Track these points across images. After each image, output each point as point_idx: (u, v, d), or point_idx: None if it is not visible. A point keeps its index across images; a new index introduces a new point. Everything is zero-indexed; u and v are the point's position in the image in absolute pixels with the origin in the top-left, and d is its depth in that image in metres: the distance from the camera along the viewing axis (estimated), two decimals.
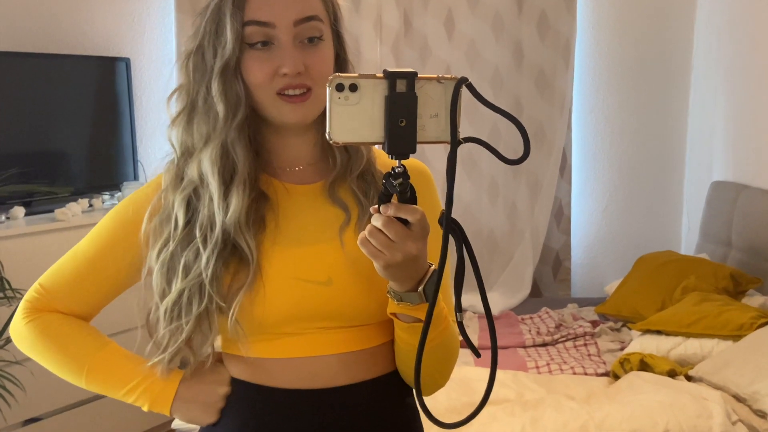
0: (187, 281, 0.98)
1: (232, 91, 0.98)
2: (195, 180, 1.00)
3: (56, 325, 1.07)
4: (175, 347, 1.00)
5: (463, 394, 2.30)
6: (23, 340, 1.08)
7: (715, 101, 3.72)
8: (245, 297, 0.97)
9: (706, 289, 2.96)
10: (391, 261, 0.86)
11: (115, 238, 1.06)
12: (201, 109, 1.00)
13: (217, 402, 1.05)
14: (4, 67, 2.95)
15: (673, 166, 4.10)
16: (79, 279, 1.07)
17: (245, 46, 0.97)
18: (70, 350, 1.06)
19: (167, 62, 3.65)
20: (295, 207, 1.04)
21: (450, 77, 0.83)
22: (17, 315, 1.09)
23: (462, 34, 3.90)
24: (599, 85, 4.07)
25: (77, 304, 1.08)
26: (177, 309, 0.99)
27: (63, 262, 1.09)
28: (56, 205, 2.99)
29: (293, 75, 0.96)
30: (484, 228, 4.01)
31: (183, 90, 1.03)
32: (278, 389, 1.01)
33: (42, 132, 3.11)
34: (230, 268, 0.98)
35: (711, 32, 3.79)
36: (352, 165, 1.05)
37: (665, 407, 2.16)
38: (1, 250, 2.56)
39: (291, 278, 0.99)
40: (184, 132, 1.02)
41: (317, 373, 1.01)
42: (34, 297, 1.08)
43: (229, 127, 0.98)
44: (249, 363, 1.03)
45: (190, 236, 1.00)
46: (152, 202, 1.04)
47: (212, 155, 0.98)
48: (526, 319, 3.41)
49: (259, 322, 0.98)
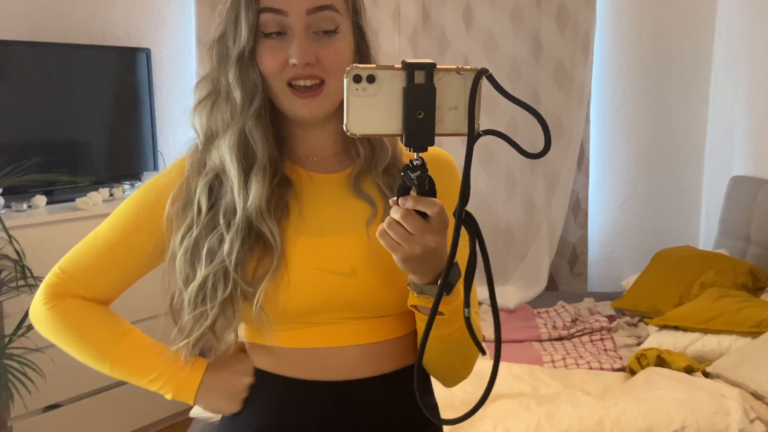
0: (211, 267, 0.98)
1: (249, 79, 0.99)
2: (217, 166, 1.01)
3: (79, 313, 1.07)
4: (200, 332, 1.01)
5: (478, 388, 2.30)
6: (45, 325, 1.08)
7: (736, 95, 3.68)
8: (270, 284, 0.97)
9: (724, 285, 2.94)
10: (409, 254, 0.86)
11: (138, 221, 1.06)
12: (222, 96, 1.01)
13: (241, 392, 1.05)
14: (26, 57, 2.98)
15: (692, 160, 4.06)
16: (101, 262, 1.07)
17: (261, 35, 0.98)
18: (94, 339, 1.07)
19: (187, 53, 3.66)
20: (317, 195, 1.04)
21: (470, 68, 0.82)
22: (38, 299, 1.09)
23: (480, 26, 3.89)
24: (618, 78, 4.04)
25: (98, 288, 1.08)
26: (202, 295, 0.99)
27: (83, 245, 1.09)
28: (77, 195, 3.02)
29: (302, 65, 0.96)
30: (500, 221, 4.01)
31: (208, 77, 1.04)
32: (300, 380, 1.02)
33: (63, 122, 3.14)
34: (255, 254, 0.99)
35: (732, 25, 3.75)
36: (377, 159, 1.05)
37: (682, 404, 2.15)
38: (23, 239, 2.59)
39: (315, 268, 0.99)
40: (208, 117, 1.03)
41: (339, 365, 1.01)
42: (54, 281, 1.08)
43: (246, 114, 0.99)
44: (271, 353, 1.04)
45: (214, 222, 1.00)
46: (175, 187, 1.04)
47: (230, 142, 0.99)
48: (542, 313, 3.41)
49: (282, 309, 0.99)
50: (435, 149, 1.04)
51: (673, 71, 3.99)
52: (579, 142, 3.95)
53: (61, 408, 2.88)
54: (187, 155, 1.06)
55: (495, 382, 0.89)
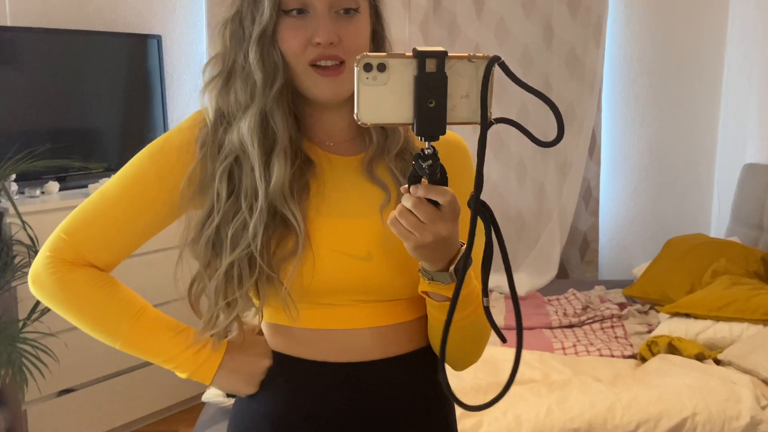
0: (236, 253, 0.97)
1: (270, 59, 0.97)
2: (236, 148, 0.99)
3: (88, 286, 1.02)
4: (229, 321, 1.01)
5: (489, 374, 2.31)
6: (49, 294, 1.03)
7: (749, 81, 3.65)
8: (295, 264, 0.97)
9: (736, 273, 2.93)
10: (421, 242, 0.86)
11: (148, 182, 1.02)
12: (239, 76, 0.99)
13: (259, 374, 1.06)
14: (37, 43, 2.99)
15: (704, 148, 4.03)
16: (108, 224, 1.02)
17: (281, 14, 0.96)
18: (105, 316, 1.03)
19: (198, 39, 3.66)
20: (336, 177, 1.04)
21: (482, 56, 0.81)
22: (40, 265, 1.03)
23: (491, 11, 3.86)
24: (630, 65, 4.01)
25: (105, 251, 1.03)
26: (229, 283, 0.98)
27: (89, 206, 1.04)
28: (90, 181, 3.04)
29: (326, 45, 0.95)
30: (512, 208, 4.00)
31: (218, 58, 1.01)
32: (313, 361, 1.03)
33: (75, 108, 3.15)
34: (276, 236, 0.98)
35: (746, 10, 3.71)
36: (390, 145, 1.04)
37: (693, 390, 2.15)
38: (36, 224, 2.61)
39: (334, 251, 0.99)
40: (220, 97, 1.01)
41: (352, 346, 1.02)
42: (59, 246, 1.02)
43: (267, 95, 0.97)
44: (286, 333, 1.04)
45: (236, 206, 0.98)
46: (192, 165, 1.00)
47: (251, 123, 0.97)
48: (552, 300, 3.40)
49: (306, 289, 0.99)
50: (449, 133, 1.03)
51: (685, 57, 3.95)
52: (590, 129, 3.93)
53: (74, 392, 2.91)
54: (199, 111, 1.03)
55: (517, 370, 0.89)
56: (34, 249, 2.57)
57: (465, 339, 1.02)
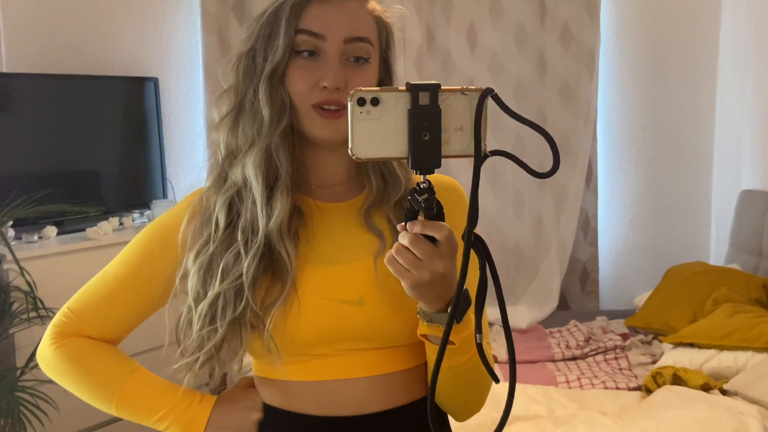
0: (225, 284, 0.97)
1: (278, 96, 0.98)
2: (239, 182, 1.00)
3: (84, 352, 1.06)
4: (205, 351, 0.98)
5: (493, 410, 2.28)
6: (51, 366, 1.07)
7: (743, 108, 3.68)
8: (280, 311, 0.96)
9: (738, 301, 2.92)
10: (418, 280, 0.85)
11: (147, 258, 1.05)
12: (248, 112, 1.00)
13: (250, 428, 1.03)
14: (35, 89, 3.00)
15: (700, 175, 4.05)
16: (110, 301, 1.06)
17: (293, 54, 0.98)
18: (100, 379, 1.05)
19: (195, 81, 3.69)
20: (327, 225, 1.03)
21: (475, 88, 0.81)
22: (44, 340, 1.08)
23: (485, 46, 3.91)
24: (624, 95, 4.04)
25: (107, 328, 1.07)
26: (212, 312, 0.98)
27: (92, 285, 1.08)
28: (87, 224, 3.02)
29: (332, 89, 0.96)
30: (509, 240, 3.99)
31: (231, 91, 1.03)
32: (309, 416, 1.00)
33: (72, 152, 3.15)
34: (266, 278, 0.98)
35: (737, 39, 3.75)
36: (389, 192, 1.04)
37: (701, 423, 2.13)
38: (34, 270, 2.59)
39: (323, 297, 0.98)
40: (230, 133, 1.02)
41: (348, 398, 0.99)
42: (63, 321, 1.07)
43: (273, 132, 0.98)
44: (280, 387, 1.02)
45: (231, 239, 0.99)
46: (192, 204, 1.03)
47: (256, 159, 0.98)
48: (554, 333, 3.38)
49: (291, 339, 0.97)
50: (442, 176, 1.03)
51: (678, 86, 3.99)
52: (587, 159, 3.94)
53: None
54: (193, 193, 1.06)
55: (512, 405, 0.87)
56: (32, 295, 2.55)
57: (467, 386, 1.00)
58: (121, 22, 3.42)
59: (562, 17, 3.89)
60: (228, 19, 3.64)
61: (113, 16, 3.39)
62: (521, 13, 3.88)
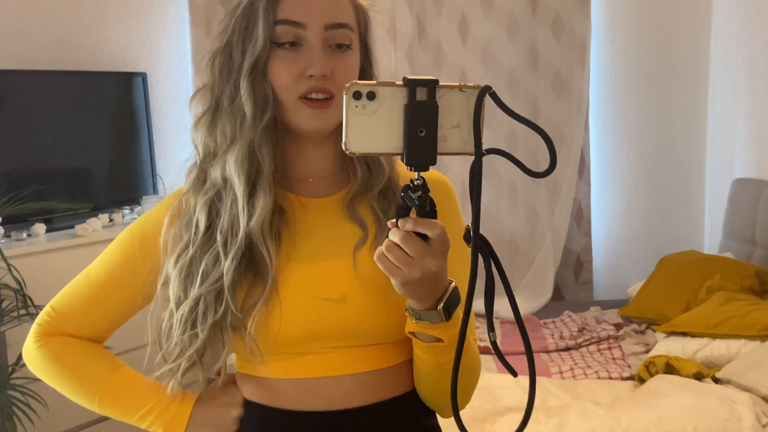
0: (204, 287, 0.95)
1: (260, 90, 0.95)
2: (218, 182, 0.98)
3: (68, 350, 1.06)
4: (187, 357, 0.97)
5: (486, 402, 2.28)
6: (35, 364, 1.07)
7: (735, 97, 3.67)
8: (261, 312, 0.95)
9: (731, 289, 2.92)
10: (409, 278, 0.83)
11: (129, 257, 1.04)
12: (226, 109, 0.98)
13: (230, 425, 1.02)
14: (23, 85, 2.98)
15: (693, 164, 4.05)
16: (92, 301, 1.05)
17: (273, 46, 0.95)
18: (82, 376, 1.05)
19: (183, 75, 3.67)
20: (309, 222, 1.01)
21: (473, 85, 0.80)
22: (29, 339, 1.07)
23: (476, 37, 3.89)
24: (616, 84, 4.03)
25: (90, 327, 1.07)
26: (193, 317, 0.96)
27: (75, 284, 1.07)
28: (77, 221, 3.01)
29: (319, 77, 0.94)
30: (504, 232, 3.99)
31: (207, 89, 1.00)
32: (292, 411, 0.99)
33: (61, 149, 3.13)
34: (246, 280, 0.96)
35: (729, 27, 3.74)
36: (374, 181, 1.02)
37: (693, 411, 2.13)
38: (23, 267, 2.58)
39: (306, 296, 0.97)
40: (208, 133, 0.99)
41: (332, 394, 0.98)
42: (46, 320, 1.07)
43: (256, 127, 0.96)
44: (262, 384, 1.01)
45: (211, 241, 0.97)
46: (172, 208, 1.02)
47: (238, 156, 0.96)
48: (548, 324, 3.38)
49: (273, 339, 0.96)
50: (432, 172, 1.02)
51: (670, 75, 3.98)
52: (579, 150, 3.94)
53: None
54: (171, 195, 1.05)
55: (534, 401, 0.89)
56: (21, 293, 2.53)
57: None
58: (108, 17, 3.39)
59: (553, 7, 3.88)
60: (216, 12, 3.62)
61: (101, 11, 3.36)
62: (512, 4, 3.87)
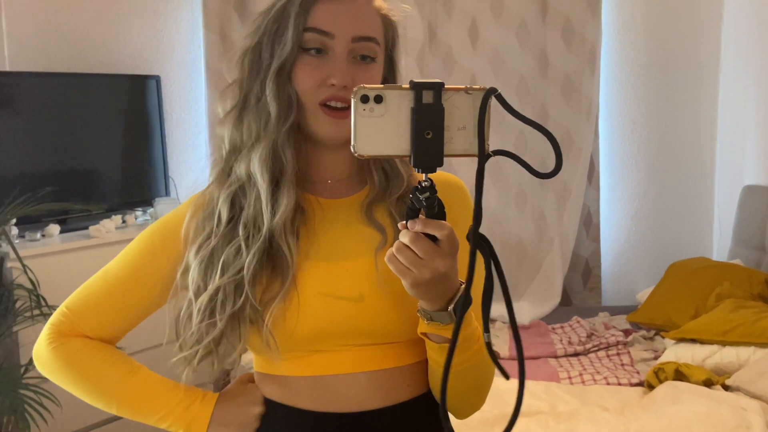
0: (225, 278, 0.97)
1: (285, 93, 0.98)
2: (242, 177, 1.00)
3: (82, 353, 1.05)
4: (204, 345, 0.99)
5: (494, 407, 2.28)
6: (47, 365, 1.07)
7: (746, 103, 3.67)
8: (279, 307, 0.96)
9: (740, 296, 2.92)
10: (419, 278, 0.85)
11: (152, 251, 1.05)
12: (253, 107, 1.00)
13: (252, 423, 1.04)
14: (37, 87, 3.01)
15: (703, 171, 4.04)
16: (110, 299, 1.06)
17: (300, 51, 0.98)
18: (99, 381, 1.05)
19: (196, 79, 3.69)
20: (327, 222, 1.03)
21: (478, 88, 0.81)
22: (41, 339, 1.07)
23: (486, 42, 3.90)
24: (626, 90, 4.04)
25: (106, 327, 1.07)
26: (212, 305, 0.98)
27: (91, 284, 1.08)
28: (90, 222, 3.03)
29: (340, 86, 0.96)
30: (512, 237, 4.00)
31: (236, 85, 1.03)
32: (310, 412, 1.00)
33: (75, 150, 3.16)
34: (265, 275, 0.98)
35: (739, 33, 3.74)
36: (392, 188, 1.04)
37: (703, 418, 2.13)
38: (37, 268, 2.60)
39: (323, 294, 0.98)
40: (234, 128, 1.01)
41: (347, 393, 0.99)
42: (60, 320, 1.06)
43: (280, 128, 0.98)
44: (279, 382, 1.02)
45: (233, 233, 0.99)
46: (195, 200, 1.04)
47: (262, 155, 0.98)
48: (557, 329, 3.38)
49: (290, 335, 0.97)
50: (444, 174, 1.03)
51: (680, 81, 3.98)
52: (588, 155, 3.94)
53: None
54: (196, 195, 1.06)
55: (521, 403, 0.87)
56: (35, 293, 2.55)
57: (466, 384, 1.00)
58: (123, 21, 3.42)
59: (563, 13, 3.89)
60: (229, 16, 3.64)
61: (115, 15, 3.39)
62: (522, 9, 3.88)
